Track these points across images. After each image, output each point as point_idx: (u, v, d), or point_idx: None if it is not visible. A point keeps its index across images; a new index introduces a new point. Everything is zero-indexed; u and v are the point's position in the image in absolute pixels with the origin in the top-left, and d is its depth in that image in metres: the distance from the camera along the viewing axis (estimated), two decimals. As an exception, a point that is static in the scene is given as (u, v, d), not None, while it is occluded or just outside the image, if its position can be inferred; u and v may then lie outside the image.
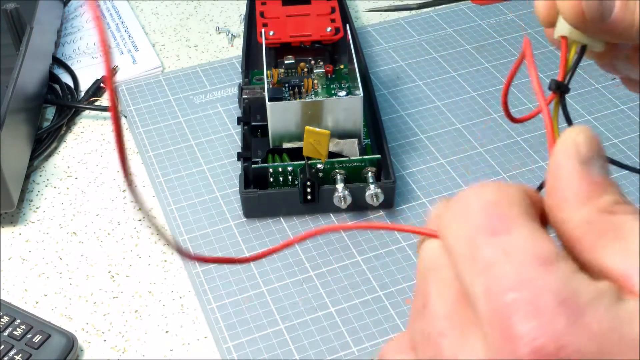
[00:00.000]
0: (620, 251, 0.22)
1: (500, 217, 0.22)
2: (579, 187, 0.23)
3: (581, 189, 0.23)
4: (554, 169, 0.24)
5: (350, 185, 0.55)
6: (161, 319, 0.51)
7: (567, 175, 0.24)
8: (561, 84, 0.34)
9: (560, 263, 0.21)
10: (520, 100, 0.68)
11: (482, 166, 0.61)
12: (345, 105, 0.56)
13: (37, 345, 0.47)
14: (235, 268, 0.53)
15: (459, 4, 0.80)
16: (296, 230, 0.56)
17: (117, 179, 0.62)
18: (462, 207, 0.23)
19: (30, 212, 0.59)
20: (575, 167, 0.24)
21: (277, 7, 0.69)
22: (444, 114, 0.66)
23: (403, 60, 0.73)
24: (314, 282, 0.52)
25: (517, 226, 0.22)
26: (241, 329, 0.50)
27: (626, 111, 0.66)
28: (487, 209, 0.23)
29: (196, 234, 0.56)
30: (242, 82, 0.66)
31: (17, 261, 0.55)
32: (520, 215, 0.23)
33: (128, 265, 0.55)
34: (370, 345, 0.48)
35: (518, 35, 0.76)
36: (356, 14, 0.80)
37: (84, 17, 0.81)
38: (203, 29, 0.79)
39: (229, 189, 0.60)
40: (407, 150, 0.63)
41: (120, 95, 0.70)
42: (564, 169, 0.24)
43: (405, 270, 0.53)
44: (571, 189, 0.24)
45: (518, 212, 0.23)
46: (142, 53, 0.75)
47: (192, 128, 0.66)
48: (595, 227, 0.23)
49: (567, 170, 0.24)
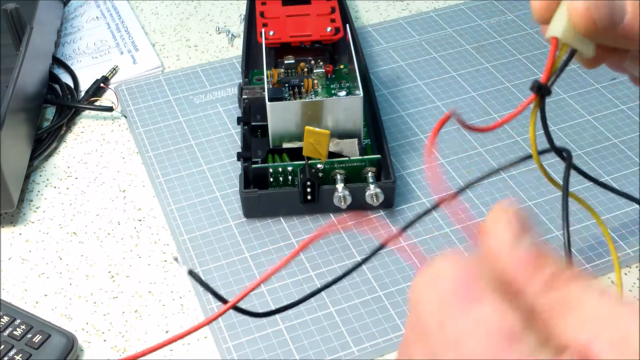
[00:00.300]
0: (575, 323, 0.22)
1: (467, 291, 0.23)
2: (517, 270, 0.24)
3: (519, 271, 0.24)
4: (489, 254, 0.25)
5: (350, 185, 0.55)
6: (161, 319, 0.51)
7: (504, 260, 0.24)
8: (543, 86, 0.33)
9: (526, 337, 0.21)
10: (520, 100, 0.68)
11: (482, 166, 0.61)
12: (345, 105, 0.56)
13: (37, 345, 0.47)
14: (235, 268, 0.53)
15: (459, 4, 0.80)
16: (296, 230, 0.56)
17: (117, 179, 0.62)
18: (431, 280, 0.24)
19: (30, 212, 0.59)
20: (507, 251, 0.24)
21: (277, 7, 0.69)
22: (444, 113, 0.66)
23: (403, 60, 0.73)
24: (314, 282, 0.52)
25: (484, 300, 0.23)
26: (241, 329, 0.50)
27: (626, 111, 0.66)
28: (456, 283, 0.23)
29: (196, 234, 0.56)
30: (242, 82, 0.66)
31: (17, 261, 0.55)
32: (486, 288, 0.23)
33: (128, 265, 0.55)
34: (370, 345, 0.48)
35: (518, 35, 0.76)
36: (356, 14, 0.80)
37: (84, 17, 0.81)
38: (203, 29, 0.79)
39: (229, 189, 0.60)
40: (407, 150, 0.63)
41: (120, 95, 0.70)
42: (500, 254, 0.25)
43: (405, 270, 0.53)
44: (511, 272, 0.24)
45: (485, 285, 0.23)
46: (142, 53, 0.75)
47: (192, 128, 0.66)
48: (547, 303, 0.23)
49: (501, 257, 0.24)
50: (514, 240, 0.24)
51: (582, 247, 0.54)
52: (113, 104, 0.68)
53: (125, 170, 0.63)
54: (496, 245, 0.25)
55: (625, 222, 0.56)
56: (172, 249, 0.56)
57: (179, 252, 0.55)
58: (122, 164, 0.63)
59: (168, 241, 0.56)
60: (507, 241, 0.24)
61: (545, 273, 0.24)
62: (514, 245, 0.24)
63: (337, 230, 0.56)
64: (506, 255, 0.24)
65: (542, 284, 0.23)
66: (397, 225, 0.56)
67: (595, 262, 0.53)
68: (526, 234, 0.25)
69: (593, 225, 0.55)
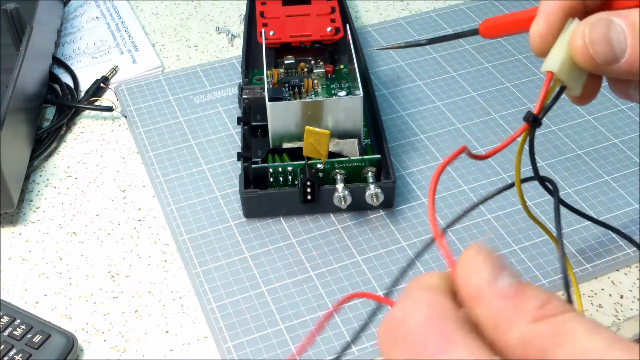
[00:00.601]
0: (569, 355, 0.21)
1: (437, 336, 0.22)
2: (499, 311, 0.23)
3: (501, 312, 0.23)
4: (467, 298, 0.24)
5: (350, 185, 0.55)
6: (161, 319, 0.51)
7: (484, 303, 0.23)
8: (536, 118, 0.34)
9: None
10: (520, 100, 0.68)
11: (482, 166, 0.61)
12: (345, 105, 0.56)
13: (37, 345, 0.47)
14: (235, 268, 0.53)
15: (459, 4, 0.80)
16: (296, 231, 0.56)
17: (117, 179, 0.62)
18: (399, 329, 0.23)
19: (30, 212, 0.59)
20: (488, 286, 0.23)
21: (277, 7, 0.69)
22: (444, 114, 0.66)
23: (403, 60, 0.73)
24: (314, 282, 0.52)
25: (455, 343, 0.22)
26: (241, 329, 0.50)
27: (626, 111, 0.66)
28: (424, 329, 0.22)
29: (196, 234, 0.56)
30: (242, 82, 0.66)
31: (17, 261, 0.55)
32: (456, 329, 0.22)
33: (128, 265, 0.55)
34: (370, 345, 0.48)
35: (518, 35, 0.75)
36: (356, 14, 0.80)
37: (84, 17, 0.81)
38: (203, 29, 0.79)
39: (229, 189, 0.60)
40: (407, 150, 0.63)
41: (120, 95, 0.70)
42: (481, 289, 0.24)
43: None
44: (493, 316, 0.23)
45: (455, 326, 0.22)
46: (142, 53, 0.75)
47: (192, 128, 0.66)
48: (535, 341, 0.22)
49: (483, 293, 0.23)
50: (493, 276, 0.24)
51: (582, 247, 0.54)
52: (113, 104, 0.68)
53: (125, 170, 0.63)
54: (476, 281, 0.24)
55: (625, 222, 0.56)
56: (172, 249, 0.56)
57: (179, 252, 0.55)
58: (122, 164, 0.63)
59: (168, 241, 0.56)
60: (487, 276, 0.23)
61: (530, 305, 0.23)
62: (495, 280, 0.23)
63: (337, 230, 0.56)
64: (488, 290, 0.23)
65: (529, 316, 0.22)
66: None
67: (595, 261, 0.53)
68: (504, 270, 0.24)
69: (593, 226, 0.55)
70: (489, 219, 0.56)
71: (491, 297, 0.23)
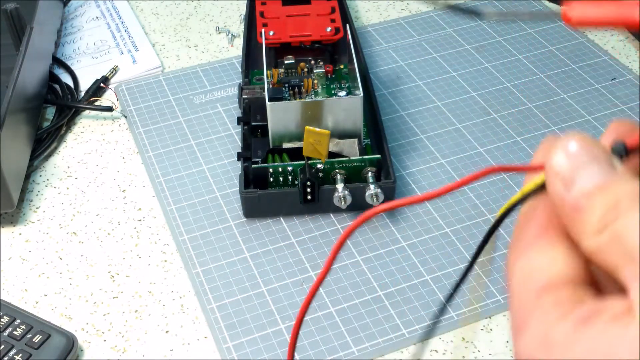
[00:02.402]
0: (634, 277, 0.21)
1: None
2: (570, 225, 0.23)
3: (570, 227, 0.23)
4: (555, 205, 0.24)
5: (350, 185, 0.55)
6: (161, 319, 0.51)
7: (564, 211, 0.23)
8: None
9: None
10: (520, 100, 0.68)
11: (482, 166, 0.61)
12: (345, 105, 0.56)
13: (37, 345, 0.47)
14: (235, 268, 0.54)
15: (458, 4, 0.80)
16: (296, 230, 0.56)
17: (117, 179, 0.62)
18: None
19: (30, 212, 0.59)
20: (562, 196, 0.23)
21: (277, 7, 0.69)
22: (444, 114, 0.66)
23: (403, 60, 0.73)
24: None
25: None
26: (241, 329, 0.50)
27: (626, 111, 0.66)
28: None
29: (196, 234, 0.56)
30: (242, 82, 0.66)
31: (17, 261, 0.55)
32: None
33: (128, 265, 0.55)
34: (370, 345, 0.48)
35: (518, 35, 0.76)
36: (356, 14, 0.80)
37: (84, 17, 0.81)
38: (203, 29, 0.79)
39: (229, 189, 0.60)
40: (407, 150, 0.63)
41: (120, 95, 0.70)
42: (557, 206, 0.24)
43: (405, 270, 0.53)
44: (569, 229, 0.23)
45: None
46: (142, 53, 0.75)
47: (192, 128, 0.66)
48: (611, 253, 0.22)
49: (561, 207, 0.23)
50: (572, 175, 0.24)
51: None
52: (113, 104, 0.68)
53: (125, 170, 0.63)
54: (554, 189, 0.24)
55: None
56: (172, 249, 0.56)
57: (179, 252, 0.55)
58: (122, 164, 0.63)
59: (168, 241, 0.56)
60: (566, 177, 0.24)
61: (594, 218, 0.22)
62: (573, 183, 0.23)
63: (337, 230, 0.56)
64: (565, 198, 0.23)
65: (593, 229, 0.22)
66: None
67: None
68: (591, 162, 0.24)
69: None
70: (489, 219, 0.56)
71: (564, 208, 0.23)
